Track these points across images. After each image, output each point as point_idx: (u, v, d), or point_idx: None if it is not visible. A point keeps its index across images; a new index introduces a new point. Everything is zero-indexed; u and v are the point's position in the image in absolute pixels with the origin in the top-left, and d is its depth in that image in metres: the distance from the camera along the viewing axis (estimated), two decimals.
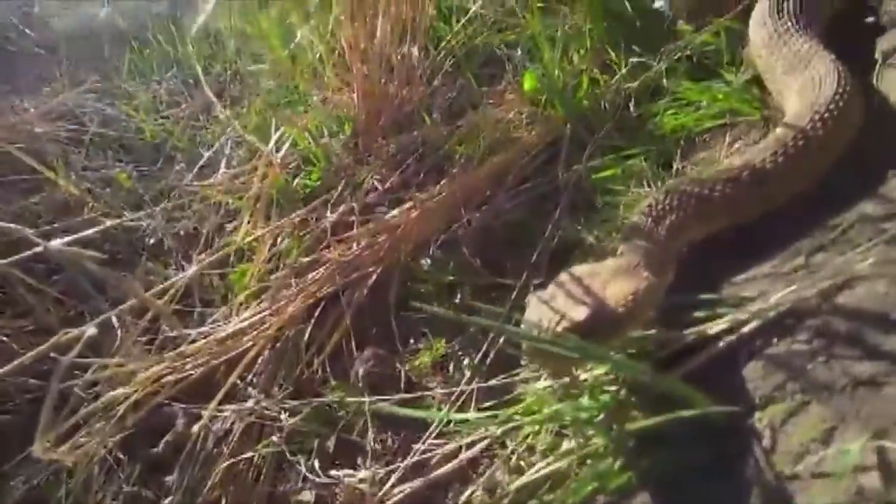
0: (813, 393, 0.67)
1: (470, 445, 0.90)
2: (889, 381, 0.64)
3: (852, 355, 0.68)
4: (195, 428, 1.17)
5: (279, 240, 1.28)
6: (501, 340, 1.06)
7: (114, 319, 1.13)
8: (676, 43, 1.36)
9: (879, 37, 1.09)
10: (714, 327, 0.76)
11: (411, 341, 1.25)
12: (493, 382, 0.95)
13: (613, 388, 0.80)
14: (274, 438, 1.16)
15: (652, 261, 0.80)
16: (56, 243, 0.93)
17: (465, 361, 1.15)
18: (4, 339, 1.39)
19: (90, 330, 0.90)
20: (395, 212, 1.18)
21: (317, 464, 1.11)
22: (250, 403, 1.20)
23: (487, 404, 0.97)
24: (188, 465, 1.21)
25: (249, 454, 1.18)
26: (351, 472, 0.97)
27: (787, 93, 1.06)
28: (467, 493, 0.83)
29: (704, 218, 0.92)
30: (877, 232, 0.80)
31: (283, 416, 1.16)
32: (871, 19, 1.11)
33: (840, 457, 0.60)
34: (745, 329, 0.75)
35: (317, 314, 1.19)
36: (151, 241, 1.54)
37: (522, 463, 0.84)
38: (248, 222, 1.27)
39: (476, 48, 1.66)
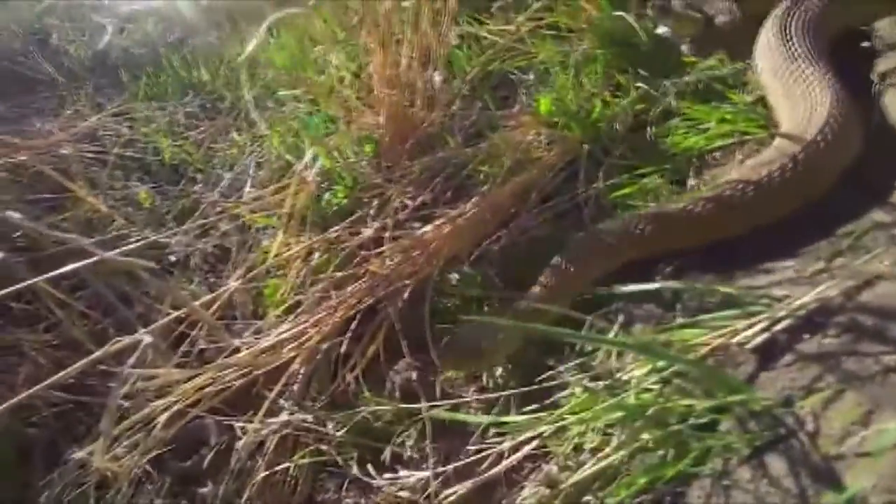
0: (847, 382, 0.72)
1: (517, 448, 0.94)
2: None
3: (880, 347, 0.74)
4: (234, 441, 1.18)
5: (313, 255, 1.31)
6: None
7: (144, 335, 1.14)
8: (684, 70, 1.46)
9: (876, 59, 1.20)
10: (750, 326, 0.82)
11: None
12: (532, 388, 0.98)
13: (657, 385, 0.85)
14: (311, 449, 1.18)
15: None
16: (112, 253, 0.95)
17: (499, 371, 1.20)
18: (32, 352, 1.40)
19: (146, 338, 0.92)
20: (427, 228, 1.23)
21: (356, 473, 1.13)
22: (284, 416, 1.22)
23: (527, 409, 1.01)
24: (223, 477, 1.22)
25: (285, 465, 1.19)
26: (399, 475, 0.99)
27: (783, 114, 1.16)
28: (527, 489, 0.86)
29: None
30: (889, 237, 0.87)
31: (322, 428, 1.18)
32: (866, 44, 1.21)
33: (879, 437, 0.65)
34: (778, 327, 0.81)
35: (353, 327, 1.23)
36: (178, 258, 1.57)
37: (570, 462, 0.88)
38: (283, 237, 1.31)
39: (489, 74, 1.75)
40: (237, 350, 1.17)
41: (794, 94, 1.17)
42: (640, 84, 1.50)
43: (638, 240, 1.13)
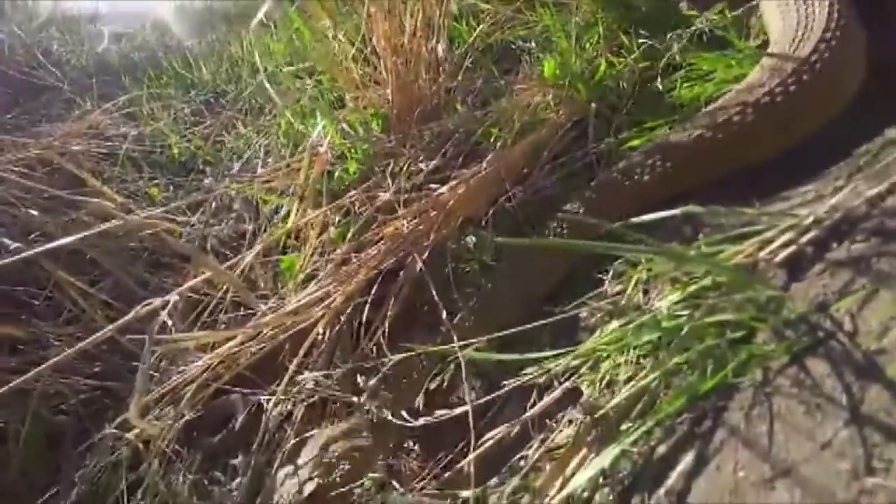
0: (880, 281, 0.72)
1: (548, 386, 0.94)
2: None
3: None
4: (262, 412, 1.18)
5: (328, 226, 1.32)
6: None
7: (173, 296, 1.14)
8: (686, 26, 1.47)
9: None
10: (775, 239, 0.82)
11: None
12: (561, 316, 0.97)
13: (686, 311, 0.85)
14: (340, 414, 1.18)
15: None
16: (136, 217, 0.96)
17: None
18: (56, 343, 1.40)
19: (173, 297, 0.93)
20: (444, 189, 1.24)
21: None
22: (310, 384, 1.22)
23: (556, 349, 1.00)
24: (253, 448, 1.22)
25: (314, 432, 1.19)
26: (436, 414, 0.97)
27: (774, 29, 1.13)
28: (565, 419, 0.85)
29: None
30: None
31: (350, 395, 1.17)
32: None
33: None
34: (804, 239, 0.81)
35: (374, 290, 1.23)
36: (195, 243, 1.58)
37: (605, 395, 0.88)
38: (298, 210, 1.32)
39: (490, 45, 1.77)
40: (262, 316, 1.17)
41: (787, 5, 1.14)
42: (643, 41, 1.51)
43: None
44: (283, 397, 1.21)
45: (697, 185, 1.13)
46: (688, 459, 0.73)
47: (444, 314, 1.03)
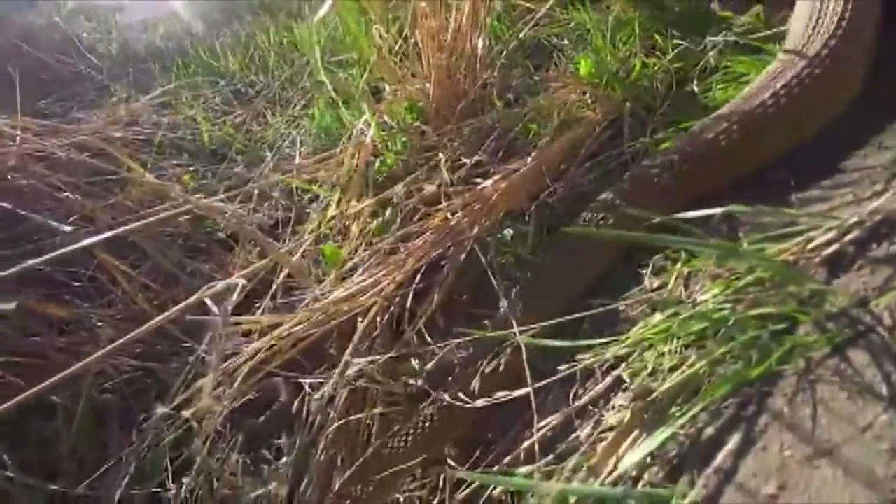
0: None
1: (591, 374, 0.99)
2: None
3: None
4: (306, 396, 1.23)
5: (372, 217, 1.36)
6: None
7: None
8: (718, 26, 1.51)
9: None
10: (817, 238, 0.87)
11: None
12: (606, 308, 1.02)
13: (730, 304, 0.90)
14: (384, 399, 1.23)
15: None
16: (204, 201, 1.00)
17: None
18: (100, 324, 1.45)
19: (240, 281, 0.97)
20: (487, 182, 1.28)
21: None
22: (352, 371, 1.27)
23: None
24: (296, 430, 1.27)
25: (358, 416, 1.24)
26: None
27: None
28: (620, 400, 0.90)
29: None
30: None
31: (393, 381, 1.22)
32: None
33: None
34: (846, 238, 0.86)
35: (416, 280, 1.27)
36: (230, 231, 1.62)
37: (652, 385, 0.92)
38: (341, 200, 1.36)
39: (523, 42, 1.81)
40: (314, 301, 1.21)
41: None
42: (677, 42, 1.55)
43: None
44: (335, 382, 1.25)
45: (713, 188, 1.16)
46: (735, 440, 0.78)
47: (502, 300, 1.08)
